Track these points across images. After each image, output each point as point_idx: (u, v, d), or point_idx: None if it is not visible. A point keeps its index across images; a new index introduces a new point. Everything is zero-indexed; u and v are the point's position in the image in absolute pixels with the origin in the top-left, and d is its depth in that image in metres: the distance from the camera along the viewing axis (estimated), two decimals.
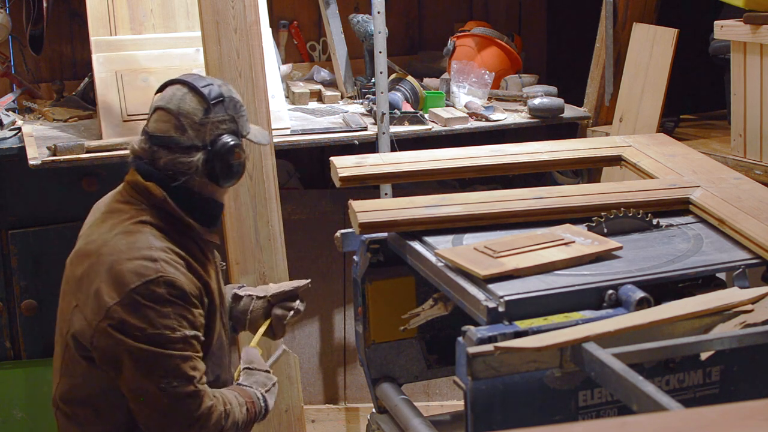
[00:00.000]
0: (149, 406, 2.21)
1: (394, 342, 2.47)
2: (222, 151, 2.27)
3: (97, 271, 2.22)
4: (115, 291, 2.18)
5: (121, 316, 2.16)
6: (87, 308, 2.21)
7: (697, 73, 3.92)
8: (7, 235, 3.42)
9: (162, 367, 2.18)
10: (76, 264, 2.30)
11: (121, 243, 2.23)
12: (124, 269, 2.19)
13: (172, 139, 2.26)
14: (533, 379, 1.82)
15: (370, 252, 2.40)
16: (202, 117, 2.26)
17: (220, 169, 2.29)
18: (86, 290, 2.23)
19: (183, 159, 2.26)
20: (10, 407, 3.55)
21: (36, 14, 3.59)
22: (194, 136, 2.26)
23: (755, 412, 1.10)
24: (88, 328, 2.20)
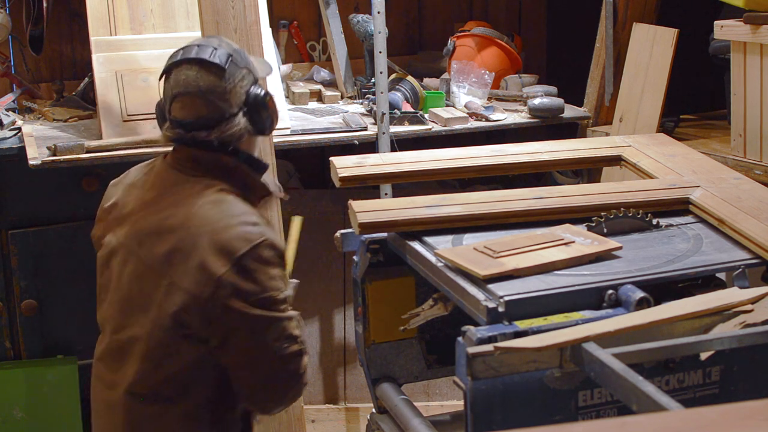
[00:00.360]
0: (259, 369, 2.22)
1: (394, 342, 2.47)
2: (257, 104, 2.28)
3: (194, 244, 2.18)
4: (223, 260, 2.16)
5: (234, 283, 2.15)
6: (189, 283, 2.17)
7: (697, 73, 3.92)
8: (7, 235, 3.42)
9: (274, 330, 2.19)
10: (155, 242, 2.23)
11: (212, 213, 2.22)
12: (227, 237, 2.18)
13: (207, 119, 2.26)
14: (533, 379, 1.82)
15: (370, 252, 2.40)
16: (225, 85, 2.26)
17: (265, 120, 2.30)
18: (183, 265, 2.18)
19: (229, 129, 2.26)
20: (10, 407, 3.55)
21: (36, 14, 3.60)
22: (227, 106, 2.26)
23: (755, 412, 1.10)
24: (194, 302, 2.16)
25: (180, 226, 2.22)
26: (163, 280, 2.20)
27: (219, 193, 2.25)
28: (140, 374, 2.24)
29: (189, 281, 2.17)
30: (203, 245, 2.18)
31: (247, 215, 2.23)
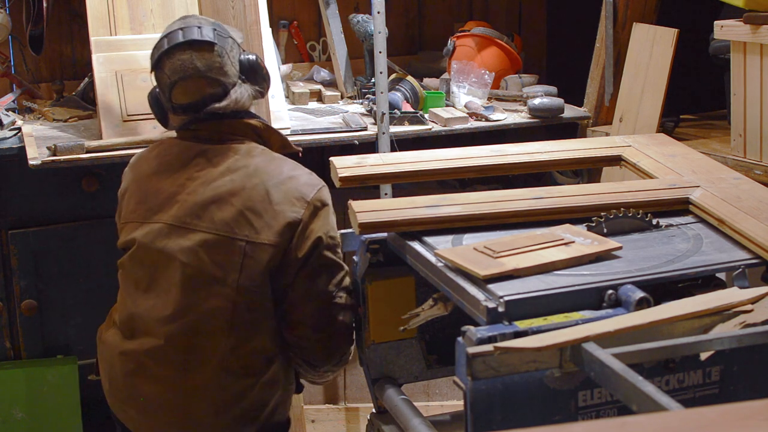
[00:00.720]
0: (318, 312, 2.30)
1: (394, 342, 2.47)
2: (252, 68, 2.40)
3: (265, 199, 2.28)
4: (297, 205, 2.29)
5: (310, 225, 2.29)
6: (271, 234, 2.26)
7: (697, 73, 3.92)
8: (7, 235, 3.42)
9: (336, 275, 2.34)
10: (217, 210, 2.27)
11: (271, 168, 2.33)
12: (294, 185, 2.31)
13: (213, 95, 2.34)
14: (533, 379, 1.82)
15: (370, 252, 2.40)
16: (220, 60, 2.34)
17: (261, 81, 2.43)
18: (259, 221, 2.27)
19: (237, 99, 2.36)
20: (10, 407, 3.55)
21: (36, 14, 3.60)
22: (227, 80, 2.35)
23: (755, 412, 1.10)
24: (279, 251, 2.26)
25: (242, 188, 2.29)
26: (239, 242, 2.25)
27: (265, 152, 2.38)
28: (231, 347, 2.24)
29: (270, 233, 2.26)
30: (275, 197, 2.28)
31: (300, 167, 2.39)
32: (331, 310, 2.33)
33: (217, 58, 2.32)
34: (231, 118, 2.37)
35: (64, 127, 3.53)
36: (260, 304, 2.28)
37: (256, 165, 2.33)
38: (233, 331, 2.25)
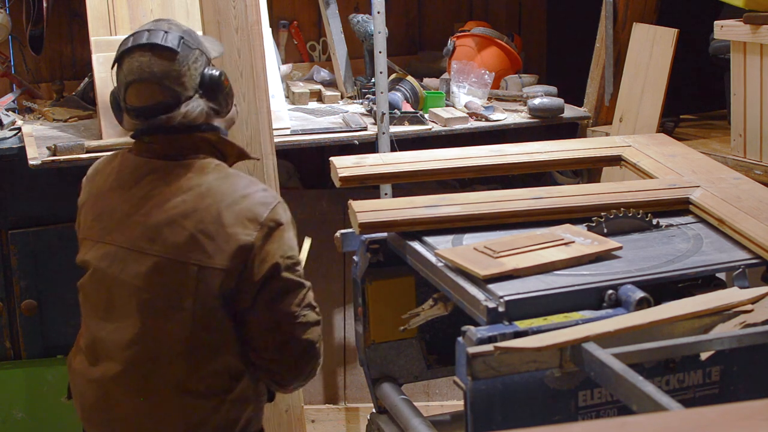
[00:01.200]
0: (276, 335, 2.23)
1: (394, 342, 2.47)
2: (213, 84, 2.27)
3: (217, 221, 2.19)
4: (249, 227, 2.20)
5: (263, 248, 2.20)
6: (223, 259, 2.18)
7: (697, 73, 3.92)
8: (7, 235, 3.42)
9: (297, 294, 2.24)
10: (171, 233, 2.20)
11: (224, 187, 2.24)
12: (248, 205, 2.21)
13: (165, 104, 2.23)
14: (533, 379, 1.82)
15: (370, 252, 2.40)
16: (179, 68, 2.23)
17: (223, 101, 2.31)
18: (211, 245, 2.19)
19: (189, 113, 2.24)
20: (10, 407, 3.55)
21: (36, 14, 3.60)
22: (183, 89, 2.23)
23: (755, 412, 1.10)
24: (232, 276, 2.19)
25: (194, 210, 2.20)
26: (191, 267, 2.18)
27: (219, 168, 2.28)
28: (185, 371, 2.21)
29: (222, 258, 2.18)
30: (227, 219, 2.19)
31: (255, 183, 2.29)
32: (296, 330, 2.24)
33: (176, 66, 2.23)
34: (186, 132, 2.26)
35: (64, 127, 3.53)
36: (219, 327, 2.21)
37: (209, 184, 2.23)
38: (193, 355, 2.20)
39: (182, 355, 2.20)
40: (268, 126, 3.17)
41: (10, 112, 3.66)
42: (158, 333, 2.21)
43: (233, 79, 3.07)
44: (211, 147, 2.30)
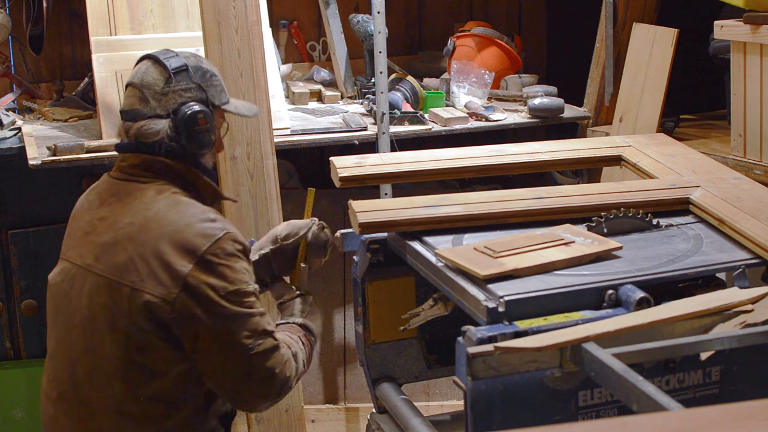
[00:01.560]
0: (235, 368, 2.19)
1: (394, 342, 2.47)
2: (185, 117, 2.27)
3: (155, 247, 2.17)
4: (186, 258, 2.16)
5: (200, 280, 2.15)
6: (154, 286, 2.16)
7: (697, 73, 3.92)
8: (7, 235, 3.42)
9: (245, 325, 2.18)
10: (113, 253, 2.22)
11: (170, 215, 2.22)
12: (188, 236, 2.18)
13: (138, 111, 2.28)
14: (533, 379, 1.82)
15: (370, 252, 2.40)
16: (163, 87, 2.28)
17: (187, 137, 2.28)
18: (146, 270, 2.17)
19: (147, 128, 2.27)
20: (10, 407, 3.56)
21: (36, 14, 3.60)
22: (156, 105, 2.27)
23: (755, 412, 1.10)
24: (163, 305, 2.15)
25: (138, 233, 2.21)
26: (125, 288, 2.18)
27: (173, 196, 2.26)
28: (122, 394, 2.20)
29: (153, 284, 2.16)
30: (165, 247, 2.17)
31: (206, 213, 2.24)
32: (254, 361, 2.19)
33: (162, 83, 2.28)
34: (150, 153, 2.28)
35: (64, 127, 3.53)
36: (154, 352, 2.19)
37: (158, 209, 2.22)
38: (128, 377, 2.20)
39: (118, 377, 2.20)
40: (268, 126, 3.17)
41: (10, 112, 3.66)
42: (97, 353, 2.22)
43: (233, 79, 3.08)
44: (176, 176, 2.29)
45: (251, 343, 2.18)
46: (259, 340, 2.19)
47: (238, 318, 2.18)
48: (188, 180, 2.30)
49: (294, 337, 2.34)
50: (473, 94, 3.79)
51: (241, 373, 2.20)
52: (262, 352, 2.19)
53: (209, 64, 2.38)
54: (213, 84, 2.34)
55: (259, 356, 2.19)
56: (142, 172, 2.29)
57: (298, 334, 2.37)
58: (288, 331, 2.37)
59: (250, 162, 3.13)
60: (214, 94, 2.35)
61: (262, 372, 2.20)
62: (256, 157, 3.12)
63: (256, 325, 2.19)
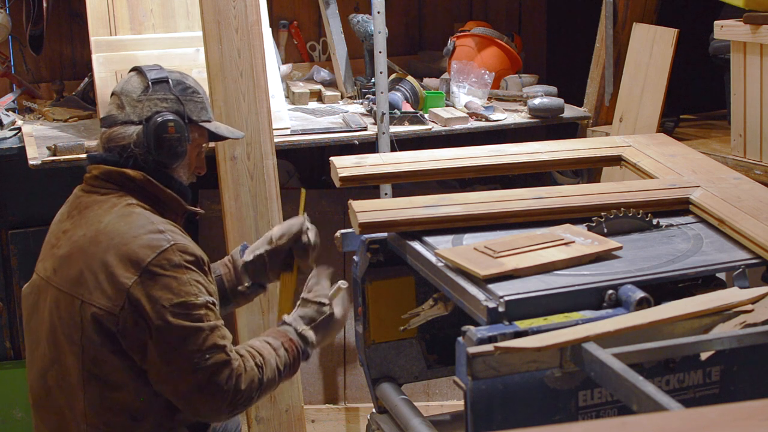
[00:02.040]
0: (182, 382, 2.16)
1: (394, 342, 2.47)
2: (155, 125, 2.28)
3: (102, 260, 2.17)
4: (130, 270, 2.15)
5: (143, 293, 2.13)
6: (101, 298, 2.16)
7: (697, 73, 3.92)
8: (7, 235, 3.42)
9: (192, 341, 2.14)
10: (68, 266, 2.24)
11: (119, 226, 2.21)
12: (134, 247, 2.16)
13: (113, 117, 2.32)
14: (533, 379, 1.82)
15: (370, 252, 2.40)
16: (140, 94, 2.31)
17: (155, 144, 2.28)
18: (90, 282, 2.18)
19: (117, 133, 2.30)
20: (10, 407, 3.56)
21: (36, 14, 3.60)
22: (131, 111, 2.31)
23: (755, 412, 1.10)
24: (110, 316, 2.15)
25: (88, 246, 2.21)
26: (76, 302, 2.19)
27: (127, 207, 2.25)
28: (84, 404, 2.21)
29: (100, 297, 2.16)
30: (111, 259, 2.17)
31: (155, 225, 2.22)
32: (198, 375, 2.15)
33: (139, 91, 2.31)
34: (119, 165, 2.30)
35: (64, 127, 3.53)
36: (107, 363, 2.19)
37: (108, 221, 2.22)
38: (89, 388, 2.21)
39: (80, 387, 2.21)
40: (268, 126, 3.17)
41: (10, 112, 3.66)
42: (60, 364, 2.24)
43: (233, 79, 3.08)
44: (136, 187, 2.29)
45: (198, 359, 2.14)
46: (207, 355, 2.15)
47: (183, 332, 2.14)
48: (149, 192, 2.29)
49: (269, 346, 2.29)
50: (473, 94, 3.79)
51: (189, 387, 2.16)
52: (209, 367, 2.15)
53: (195, 83, 2.40)
54: (193, 99, 2.36)
55: (206, 371, 2.15)
56: (102, 184, 2.30)
57: (281, 340, 2.31)
58: (270, 336, 2.32)
59: (250, 162, 3.13)
60: (192, 109, 2.36)
61: (211, 387, 2.15)
62: (256, 157, 3.12)
63: (204, 340, 2.15)
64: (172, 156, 2.31)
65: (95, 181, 2.31)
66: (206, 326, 2.16)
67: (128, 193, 2.28)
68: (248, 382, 2.20)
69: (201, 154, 2.44)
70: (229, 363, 2.17)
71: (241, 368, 2.19)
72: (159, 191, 2.30)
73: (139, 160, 2.29)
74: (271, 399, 3.20)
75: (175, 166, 2.34)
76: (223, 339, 2.19)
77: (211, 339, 2.16)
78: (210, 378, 2.15)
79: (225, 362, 2.17)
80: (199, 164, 2.44)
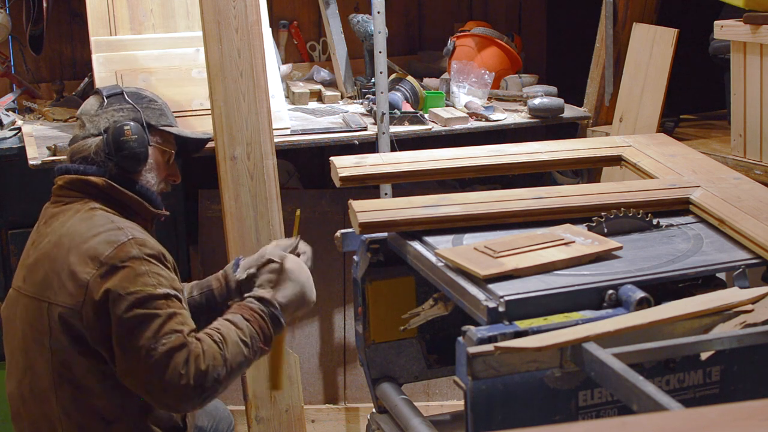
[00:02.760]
0: (141, 371, 2.16)
1: (394, 342, 2.47)
2: (112, 131, 2.37)
3: (64, 261, 2.22)
4: (89, 266, 2.20)
5: (102, 285, 2.17)
6: (64, 297, 2.21)
7: (697, 73, 3.92)
8: (7, 235, 3.42)
9: (148, 327, 2.15)
10: (34, 273, 2.29)
11: (80, 228, 2.26)
12: (93, 244, 2.22)
13: (75, 136, 2.42)
14: (533, 379, 1.82)
15: (370, 252, 2.40)
16: (96, 109, 2.41)
17: (115, 149, 2.36)
18: (55, 284, 2.23)
19: (79, 146, 2.40)
20: None
21: (36, 14, 3.60)
22: (90, 126, 2.40)
23: (755, 412, 1.10)
24: (74, 313, 2.19)
25: (53, 249, 2.26)
26: (44, 305, 2.23)
27: (89, 211, 2.31)
28: (60, 408, 2.24)
29: (64, 296, 2.20)
30: (72, 258, 2.21)
31: (115, 223, 2.27)
32: (155, 360, 2.14)
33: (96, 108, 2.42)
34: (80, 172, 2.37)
35: (64, 127, 3.53)
36: (76, 366, 2.23)
37: (70, 225, 2.28)
38: (60, 392, 2.24)
39: (52, 392, 2.25)
40: (268, 126, 3.17)
41: (10, 112, 3.66)
42: (33, 370, 2.28)
43: (233, 79, 3.08)
44: (100, 193, 2.34)
45: (153, 344, 2.14)
46: (163, 340, 2.15)
47: (139, 319, 2.15)
48: (113, 197, 2.35)
49: (227, 323, 2.26)
50: (473, 94, 3.79)
51: (149, 374, 2.16)
52: (165, 352, 2.15)
53: (152, 94, 2.49)
54: (150, 107, 2.44)
55: (163, 356, 2.14)
56: (67, 193, 2.36)
57: (240, 312, 2.29)
58: (228, 314, 2.30)
59: (250, 162, 3.13)
60: (150, 115, 2.44)
61: (169, 372, 2.15)
62: (256, 157, 3.12)
63: (160, 327, 2.16)
64: (133, 159, 2.37)
65: (60, 191, 2.38)
66: (163, 314, 2.18)
67: (92, 199, 2.34)
68: (209, 360, 2.17)
69: (171, 160, 2.50)
70: (185, 345, 2.16)
71: (199, 349, 2.18)
72: (123, 195, 2.36)
73: (102, 167, 2.37)
74: (271, 399, 3.20)
75: (140, 170, 2.41)
76: (182, 325, 2.19)
77: (168, 325, 2.17)
78: (167, 363, 2.14)
79: (181, 345, 2.16)
80: (172, 172, 2.50)
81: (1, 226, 3.42)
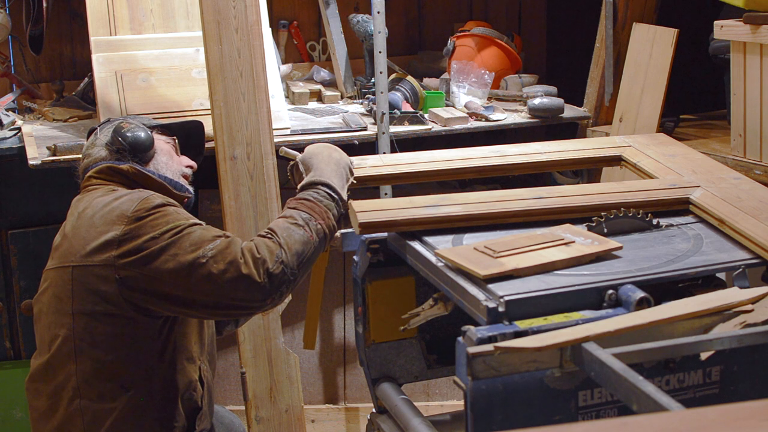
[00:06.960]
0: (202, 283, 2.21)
1: (394, 342, 2.47)
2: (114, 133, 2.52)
3: (90, 226, 2.31)
4: (117, 223, 2.28)
5: (132, 237, 2.25)
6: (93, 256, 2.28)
7: (697, 73, 3.92)
8: (7, 235, 3.42)
9: (190, 242, 2.24)
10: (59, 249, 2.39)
11: (103, 199, 2.37)
12: (116, 206, 2.31)
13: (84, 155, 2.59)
14: (533, 379, 1.82)
15: (370, 252, 2.40)
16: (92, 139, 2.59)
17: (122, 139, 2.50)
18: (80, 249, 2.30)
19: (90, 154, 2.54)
20: (10, 407, 3.55)
21: (36, 14, 3.60)
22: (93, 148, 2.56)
23: (755, 412, 1.10)
24: (106, 270, 2.25)
25: (76, 221, 2.36)
26: (68, 269, 2.31)
27: (112, 192, 2.41)
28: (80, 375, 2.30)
29: (93, 255, 2.28)
30: (97, 221, 2.30)
31: (137, 193, 2.37)
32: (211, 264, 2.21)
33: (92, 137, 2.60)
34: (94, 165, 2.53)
35: (64, 127, 3.53)
36: (99, 331, 2.29)
37: (92, 200, 2.39)
38: (80, 358, 2.30)
39: (72, 360, 2.31)
40: (268, 126, 3.17)
41: (10, 112, 3.66)
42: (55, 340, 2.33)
43: (233, 79, 3.08)
44: (123, 176, 2.46)
45: (201, 253, 2.22)
46: (209, 246, 2.23)
47: (179, 242, 2.24)
48: (139, 182, 2.46)
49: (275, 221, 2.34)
50: (473, 94, 3.79)
51: (210, 281, 2.21)
52: (216, 254, 2.22)
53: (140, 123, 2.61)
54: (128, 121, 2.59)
55: (216, 258, 2.21)
56: (93, 181, 2.47)
57: (287, 206, 2.36)
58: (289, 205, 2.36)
59: (250, 162, 3.13)
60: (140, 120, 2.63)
61: (228, 267, 2.21)
62: (256, 157, 3.12)
63: (200, 237, 2.25)
64: (140, 144, 2.50)
65: (87, 181, 2.49)
66: (199, 228, 2.28)
67: (116, 183, 2.45)
68: (263, 249, 2.24)
69: (176, 149, 2.62)
70: (233, 241, 2.25)
71: (250, 244, 2.26)
72: (148, 179, 2.47)
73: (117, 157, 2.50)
74: (271, 399, 3.20)
75: (152, 156, 2.53)
76: (220, 231, 2.30)
77: (209, 233, 2.27)
78: (222, 260, 2.21)
79: (228, 244, 2.24)
80: (184, 159, 2.62)
81: (1, 226, 3.42)
